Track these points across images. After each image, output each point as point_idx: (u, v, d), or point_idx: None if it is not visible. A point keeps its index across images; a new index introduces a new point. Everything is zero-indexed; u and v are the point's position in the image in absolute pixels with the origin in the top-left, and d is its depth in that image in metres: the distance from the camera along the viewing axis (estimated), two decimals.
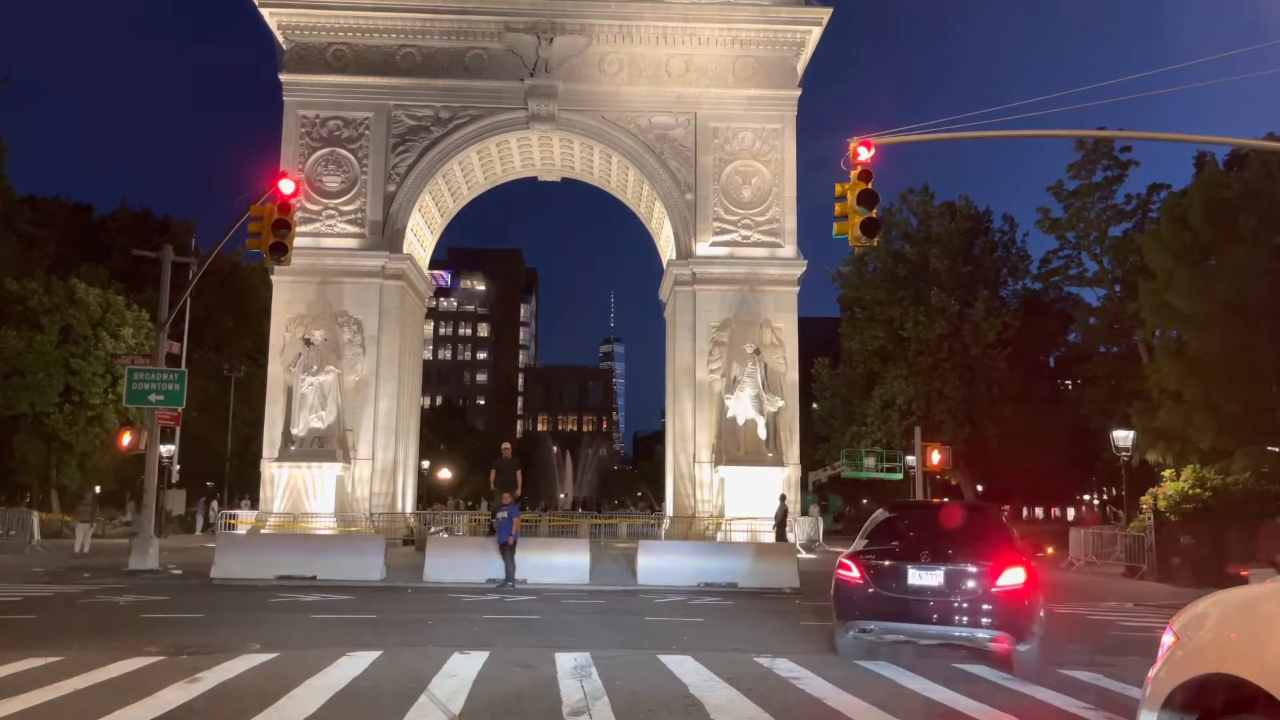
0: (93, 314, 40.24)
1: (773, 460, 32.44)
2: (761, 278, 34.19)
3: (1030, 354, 52.26)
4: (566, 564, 21.35)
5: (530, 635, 12.45)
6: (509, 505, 20.47)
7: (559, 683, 8.67)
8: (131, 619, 13.67)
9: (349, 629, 12.67)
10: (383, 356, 33.91)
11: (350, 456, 32.73)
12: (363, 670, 9.11)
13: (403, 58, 34.98)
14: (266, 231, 16.80)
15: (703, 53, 35.20)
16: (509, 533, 19.95)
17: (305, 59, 34.76)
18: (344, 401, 33.01)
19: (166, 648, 10.36)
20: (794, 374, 34.05)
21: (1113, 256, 45.50)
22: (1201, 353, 29.65)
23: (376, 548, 21.56)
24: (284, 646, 10.52)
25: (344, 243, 34.25)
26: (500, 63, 35.04)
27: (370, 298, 33.95)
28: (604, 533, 34.34)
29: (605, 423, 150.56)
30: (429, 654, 10.19)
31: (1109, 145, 45.03)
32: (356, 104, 34.78)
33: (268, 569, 20.36)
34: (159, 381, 21.93)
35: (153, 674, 8.68)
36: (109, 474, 44.15)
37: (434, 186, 36.29)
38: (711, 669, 9.54)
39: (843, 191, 14.73)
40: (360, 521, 31.79)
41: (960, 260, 49.89)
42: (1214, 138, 19.30)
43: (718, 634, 13.05)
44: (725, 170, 34.84)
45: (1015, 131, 16.10)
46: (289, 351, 33.20)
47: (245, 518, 34.79)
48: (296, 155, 34.32)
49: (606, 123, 35.20)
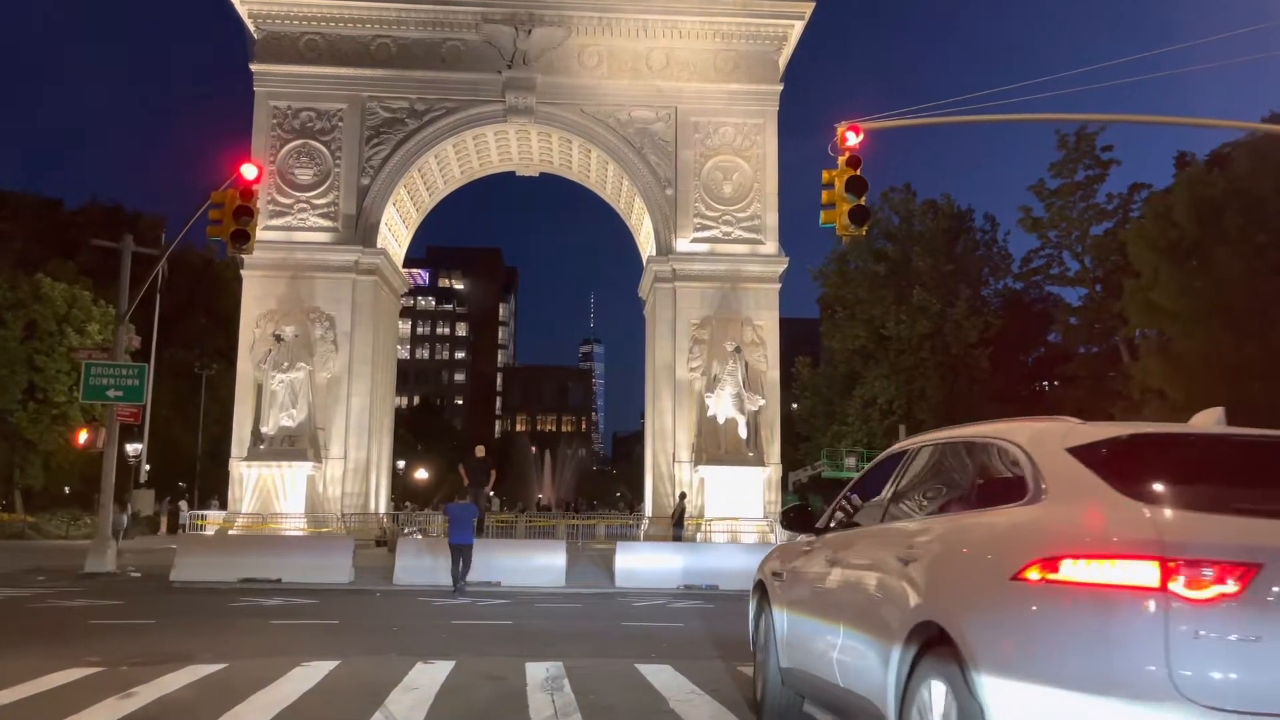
0: (58, 310, 39.30)
1: (753, 460, 31.90)
2: (743, 275, 33.65)
3: (1011, 354, 52.09)
4: (542, 566, 20.77)
5: (500, 642, 11.81)
6: (464, 504, 19.58)
7: (528, 696, 8.04)
8: (78, 625, 12.93)
9: (308, 636, 11.98)
10: (356, 353, 33.11)
11: (322, 456, 31.92)
12: (316, 683, 8.44)
13: (377, 48, 34.19)
14: (228, 219, 16.05)
15: (683, 46, 34.60)
16: (469, 535, 18.80)
17: (277, 49, 33.91)
18: (315, 399, 32.18)
19: (107, 658, 9.64)
20: (775, 372, 33.53)
21: (1094, 256, 45.41)
22: (1187, 351, 29.39)
23: (344, 549, 20.89)
24: (235, 656, 9.83)
25: (316, 237, 33.43)
26: (477, 55, 34.30)
27: (343, 293, 33.13)
28: (582, 533, 33.65)
29: (585, 423, 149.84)
30: (390, 664, 9.53)
31: (1090, 144, 44.95)
32: (330, 95, 33.94)
33: (231, 571, 19.65)
34: (117, 376, 21.11)
35: (84, 689, 7.98)
36: (74, 474, 43.13)
37: (409, 180, 35.53)
38: (693, 680, 8.93)
39: (830, 178, 14.13)
40: (331, 522, 31.00)
41: (942, 259, 49.64)
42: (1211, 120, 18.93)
43: (699, 641, 12.45)
44: (706, 166, 34.25)
45: (1004, 116, 15.60)
46: (259, 348, 32.33)
47: (214, 518, 33.93)
48: (268, 147, 33.44)
49: (586, 116, 34.54)
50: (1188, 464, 4.01)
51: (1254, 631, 3.20)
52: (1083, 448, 4.02)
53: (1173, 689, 3.17)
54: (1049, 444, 4.17)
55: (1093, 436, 4.10)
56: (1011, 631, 3.59)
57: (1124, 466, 3.83)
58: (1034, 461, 4.12)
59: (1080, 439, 4.10)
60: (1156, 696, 3.17)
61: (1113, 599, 3.30)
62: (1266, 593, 3.22)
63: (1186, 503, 3.56)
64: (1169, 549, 3.28)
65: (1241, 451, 4.19)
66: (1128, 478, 3.73)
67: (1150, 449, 4.13)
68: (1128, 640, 3.25)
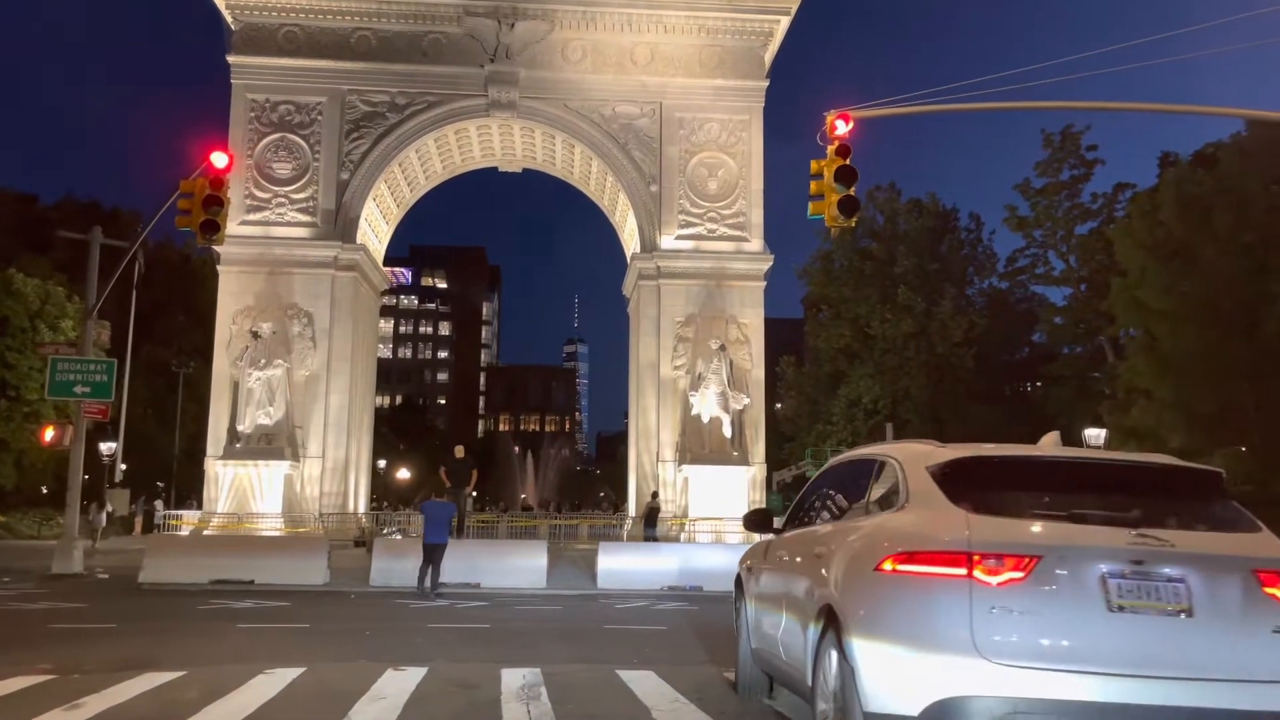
0: (31, 305, 38.54)
1: (738, 459, 31.54)
2: (728, 272, 33.27)
3: (996, 353, 51.94)
4: (522, 567, 20.32)
5: (477, 647, 11.35)
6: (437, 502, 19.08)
7: (502, 707, 7.60)
8: (36, 630, 12.40)
9: (276, 641, 11.49)
10: (334, 350, 32.56)
11: (299, 454, 31.34)
12: (278, 692, 7.97)
13: (357, 41, 33.63)
14: (197, 209, 15.51)
15: (668, 41, 34.20)
16: (444, 535, 18.20)
17: (255, 40, 33.31)
18: (293, 397, 31.60)
19: (60, 665, 9.15)
20: (760, 371, 33.19)
21: (1079, 255, 45.24)
22: (1174, 350, 29.18)
23: (319, 550, 20.37)
24: (195, 663, 9.34)
25: (294, 232, 32.84)
26: (459, 48, 33.80)
27: (322, 289, 32.56)
28: (564, 534, 33.19)
29: (568, 423, 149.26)
30: (359, 670, 9.06)
31: (1075, 144, 44.83)
32: (309, 88, 33.37)
33: (202, 572, 19.10)
34: (85, 372, 20.49)
35: (27, 699, 7.48)
36: (47, 473, 42.34)
37: (390, 175, 34.99)
38: (677, 688, 8.50)
39: (819, 168, 13.72)
40: (309, 522, 30.44)
41: (927, 258, 49.42)
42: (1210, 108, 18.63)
43: (684, 645, 12.03)
44: (691, 162, 33.85)
45: (993, 105, 15.25)
46: (235, 345, 31.74)
47: (189, 518, 33.28)
48: (245, 140, 32.84)
49: (569, 111, 34.08)
50: (1005, 479, 5.15)
51: (1034, 607, 4.44)
52: (934, 467, 5.19)
53: (974, 648, 4.38)
54: (914, 463, 5.35)
55: (944, 458, 5.23)
56: (871, 608, 4.80)
57: (959, 482, 5.00)
58: (904, 477, 5.34)
59: (934, 460, 5.26)
60: (964, 653, 4.38)
61: (936, 584, 4.53)
62: (1045, 578, 4.47)
63: (995, 510, 4.79)
64: (974, 546, 4.52)
65: (1047, 469, 5.33)
66: (960, 491, 4.91)
67: (981, 468, 5.24)
68: (945, 613, 4.46)
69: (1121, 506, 4.87)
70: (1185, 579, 4.49)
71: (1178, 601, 4.46)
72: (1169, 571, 4.49)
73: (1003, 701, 4.32)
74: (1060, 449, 5.68)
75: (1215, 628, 4.43)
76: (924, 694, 4.42)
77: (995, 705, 4.33)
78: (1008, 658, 4.34)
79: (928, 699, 4.40)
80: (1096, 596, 4.44)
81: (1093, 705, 4.31)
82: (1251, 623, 4.45)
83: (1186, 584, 4.48)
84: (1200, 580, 4.49)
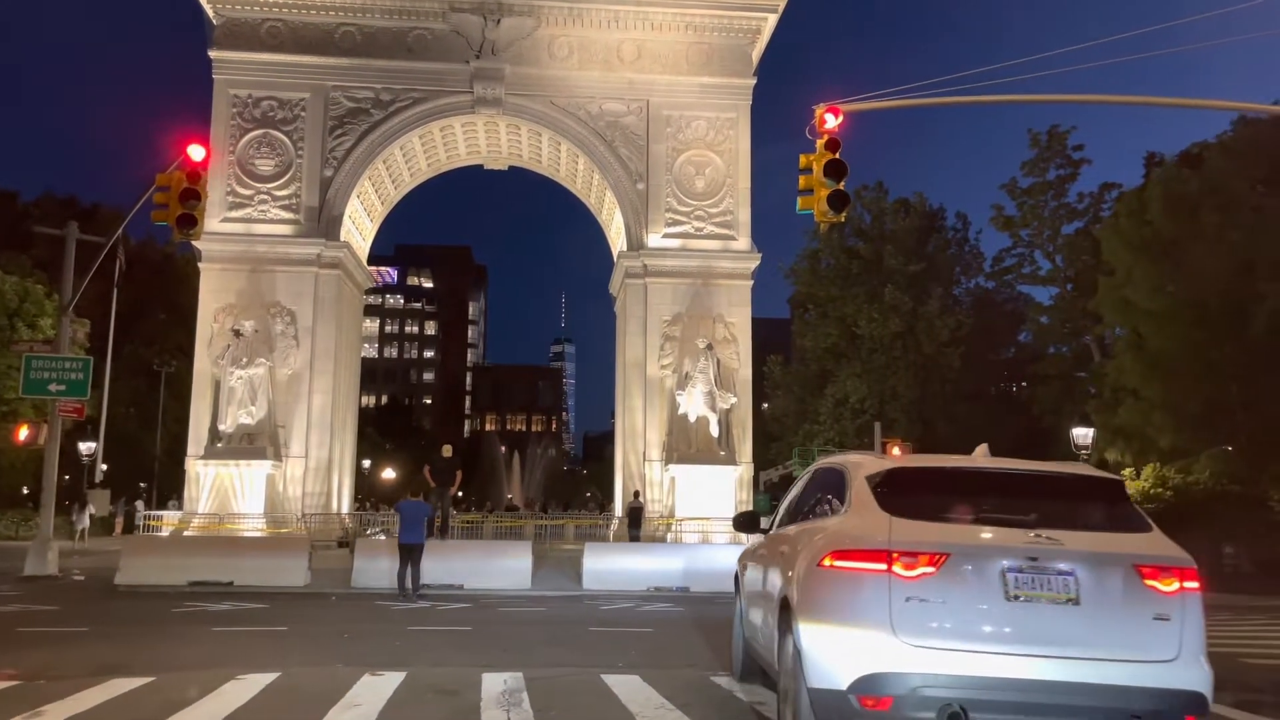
0: (9, 303, 37.98)
1: (725, 459, 31.35)
2: (715, 271, 33.08)
3: (982, 353, 51.89)
4: (506, 568, 20.06)
5: (458, 650, 11.09)
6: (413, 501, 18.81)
7: (482, 714, 7.34)
8: (4, 633, 12.06)
9: (251, 645, 11.20)
10: (318, 349, 32.21)
11: (282, 454, 30.99)
12: (248, 699, 7.70)
13: (342, 36, 33.28)
14: (174, 202, 15.15)
15: (655, 38, 33.97)
16: (420, 535, 17.90)
17: (237, 35, 32.91)
18: (276, 396, 31.25)
19: (26, 670, 8.86)
20: (747, 370, 32.99)
21: (1065, 255, 45.20)
22: (1161, 350, 29.10)
23: (300, 550, 20.06)
24: (165, 668, 9.05)
25: (277, 229, 32.47)
26: (445, 44, 33.48)
27: (305, 287, 32.22)
28: (550, 534, 32.90)
29: (555, 423, 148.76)
30: (335, 676, 8.78)
31: (1062, 144, 44.76)
32: (292, 84, 33.01)
33: (180, 574, 18.77)
34: (60, 370, 20.10)
35: None
36: (27, 473, 41.78)
37: (374, 172, 34.65)
38: (663, 693, 8.26)
39: (808, 162, 13.49)
40: (292, 523, 30.08)
41: (914, 258, 49.26)
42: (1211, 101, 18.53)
43: (670, 647, 11.79)
44: (678, 160, 33.64)
45: (985, 98, 15.07)
46: (217, 343, 31.37)
47: (170, 519, 32.85)
48: (227, 136, 32.48)
49: (555, 108, 33.81)
50: (929, 487, 5.97)
51: (943, 596, 5.21)
52: (871, 475, 6.00)
53: (891, 630, 5.16)
54: (858, 473, 6.15)
55: (880, 469, 6.08)
56: (813, 598, 5.61)
57: (890, 490, 5.81)
58: (849, 485, 6.15)
59: (872, 469, 6.10)
60: (884, 635, 5.16)
61: (862, 577, 5.33)
62: (953, 572, 5.23)
63: (916, 514, 5.54)
64: (894, 545, 5.31)
65: (967, 477, 6.11)
66: (890, 498, 5.70)
67: (909, 477, 6.09)
68: (869, 602, 5.25)
69: (1026, 510, 5.62)
70: (1075, 573, 5.24)
71: (1067, 592, 5.21)
72: (1060, 566, 5.24)
73: (915, 677, 5.10)
74: (985, 460, 6.38)
75: (1100, 614, 5.19)
76: (852, 670, 5.19)
77: (909, 680, 5.10)
78: (920, 639, 5.13)
79: (855, 674, 5.17)
80: (997, 588, 5.20)
81: (992, 679, 5.07)
82: (1133, 609, 5.23)
83: (1075, 577, 5.23)
84: (1088, 574, 5.25)
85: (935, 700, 5.07)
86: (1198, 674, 5.19)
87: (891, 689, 5.10)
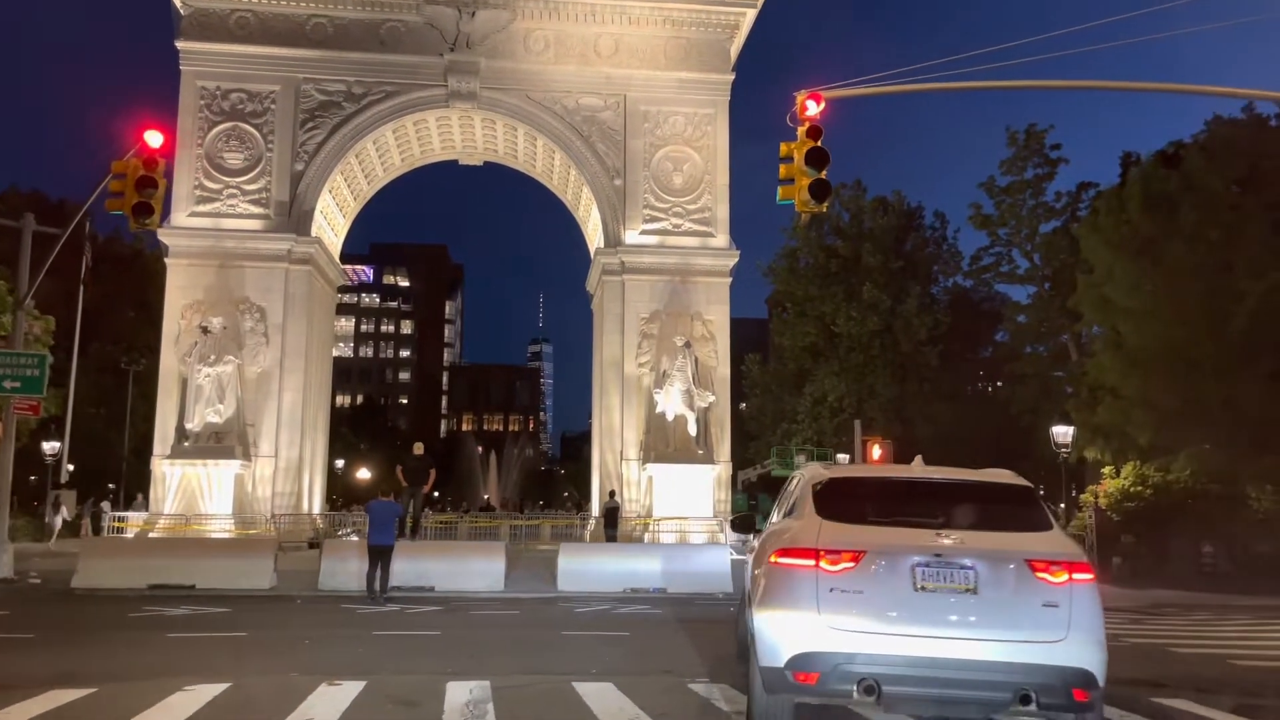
0: None
1: (703, 458, 30.97)
2: (693, 268, 32.71)
3: (960, 352, 51.81)
4: (479, 569, 19.54)
5: (424, 657, 10.61)
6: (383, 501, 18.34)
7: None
8: None
9: (205, 652, 10.68)
10: (288, 346, 31.58)
11: (251, 453, 30.36)
12: (194, 712, 7.20)
13: (313, 28, 32.64)
14: (130, 190, 14.57)
15: (633, 32, 33.54)
16: (390, 536, 17.46)
17: (205, 26, 32.21)
18: (245, 394, 30.60)
19: None
20: (725, 368, 32.66)
21: (1043, 253, 45.13)
22: (1141, 348, 28.95)
23: (266, 551, 19.47)
24: (111, 678, 8.53)
25: (247, 224, 31.82)
26: (418, 37, 32.92)
27: (275, 283, 31.58)
28: (525, 534, 32.39)
29: (532, 422, 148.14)
30: (289, 686, 8.30)
31: (1040, 143, 44.69)
32: (262, 76, 32.35)
33: (140, 576, 18.15)
34: (15, 366, 19.38)
35: None
36: None
37: (346, 167, 34.04)
38: (638, 702, 7.84)
39: (789, 151, 13.09)
40: (261, 523, 29.46)
41: (892, 256, 49.10)
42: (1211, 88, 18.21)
43: (645, 652, 11.35)
44: (656, 156, 33.24)
45: (967, 84, 14.71)
46: (184, 340, 30.70)
47: (135, 520, 32.08)
48: (195, 129, 31.81)
49: (531, 103, 33.32)
50: (859, 494, 6.88)
51: (861, 587, 6.09)
52: (814, 483, 6.97)
53: (818, 613, 6.05)
54: (808, 483, 7.10)
55: (822, 478, 7.02)
56: (762, 588, 6.58)
57: (828, 497, 6.74)
58: (801, 493, 7.15)
59: (816, 478, 7.06)
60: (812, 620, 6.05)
61: (796, 571, 6.23)
62: (869, 567, 6.13)
63: (844, 518, 6.47)
64: (821, 544, 6.24)
65: (893, 485, 7.12)
66: (826, 504, 6.63)
67: (844, 486, 6.97)
68: (801, 592, 6.15)
69: (941, 514, 6.49)
70: (975, 567, 6.07)
71: (966, 583, 6.05)
72: (963, 562, 6.08)
73: (838, 655, 5.97)
74: (916, 469, 7.26)
75: (995, 602, 6.02)
76: (788, 649, 6.09)
77: (833, 658, 5.97)
78: (842, 624, 6.01)
79: (790, 652, 6.07)
80: (907, 580, 6.06)
81: (901, 657, 5.93)
82: (1024, 598, 6.03)
83: (975, 571, 6.06)
84: (986, 568, 6.08)
85: (853, 675, 5.92)
86: (1086, 654, 5.93)
87: (818, 666, 5.98)
